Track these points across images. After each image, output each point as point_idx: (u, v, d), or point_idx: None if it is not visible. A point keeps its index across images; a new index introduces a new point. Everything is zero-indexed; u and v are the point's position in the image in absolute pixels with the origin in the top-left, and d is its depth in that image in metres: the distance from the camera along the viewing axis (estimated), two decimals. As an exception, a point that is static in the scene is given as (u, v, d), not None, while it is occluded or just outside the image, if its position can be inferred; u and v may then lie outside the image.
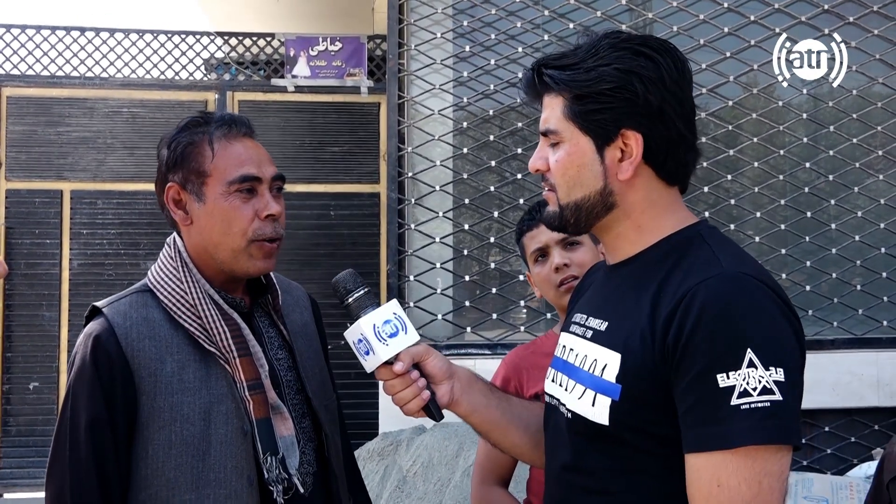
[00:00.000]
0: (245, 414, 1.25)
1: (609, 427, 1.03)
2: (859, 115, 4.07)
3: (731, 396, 0.92)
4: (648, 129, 1.06)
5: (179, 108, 4.92)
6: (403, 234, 3.93)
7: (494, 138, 4.01)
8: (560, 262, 1.69)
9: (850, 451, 3.88)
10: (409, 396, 1.19)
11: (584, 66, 1.07)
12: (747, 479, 0.92)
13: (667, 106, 1.06)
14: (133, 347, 1.22)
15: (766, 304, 0.97)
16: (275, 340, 1.38)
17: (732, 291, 0.97)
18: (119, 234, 4.85)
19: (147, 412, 1.21)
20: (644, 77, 1.05)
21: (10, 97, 4.84)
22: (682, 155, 1.09)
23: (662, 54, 1.07)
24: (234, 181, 1.27)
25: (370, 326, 1.17)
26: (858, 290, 4.01)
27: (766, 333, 0.94)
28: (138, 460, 1.21)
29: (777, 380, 0.92)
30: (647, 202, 1.10)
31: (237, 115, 1.35)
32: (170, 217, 1.33)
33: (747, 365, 0.92)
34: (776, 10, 4.03)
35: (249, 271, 1.31)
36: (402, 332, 1.18)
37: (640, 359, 1.01)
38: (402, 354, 1.18)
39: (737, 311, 0.95)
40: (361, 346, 1.18)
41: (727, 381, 0.92)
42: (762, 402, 0.91)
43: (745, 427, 0.91)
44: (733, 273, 0.99)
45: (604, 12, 4.01)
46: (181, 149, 1.29)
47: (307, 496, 1.30)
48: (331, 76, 4.93)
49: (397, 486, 2.83)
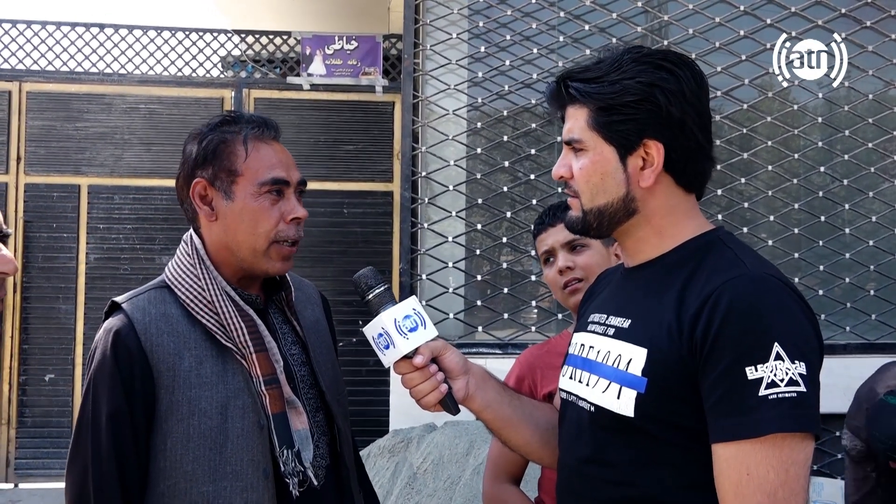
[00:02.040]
0: (261, 408, 1.28)
1: (634, 419, 1.07)
2: (875, 120, 4.05)
3: (760, 387, 0.97)
4: (669, 139, 1.12)
5: (196, 104, 4.97)
6: (416, 233, 3.95)
7: (508, 139, 4.02)
8: (564, 265, 1.73)
9: (861, 457, 3.86)
10: (428, 389, 1.22)
11: (609, 79, 1.13)
12: (775, 468, 0.97)
13: (687, 117, 1.12)
14: (152, 342, 1.25)
15: (789, 303, 1.03)
16: (288, 336, 1.40)
17: (758, 290, 1.03)
18: (135, 229, 4.90)
19: (166, 406, 1.24)
20: (666, 90, 1.11)
21: (29, 92, 4.90)
22: (700, 164, 1.16)
23: (682, 68, 1.13)
24: (265, 182, 1.30)
25: (391, 321, 1.19)
26: (872, 295, 4.00)
27: (790, 329, 1.00)
28: (157, 453, 1.24)
29: (801, 373, 0.97)
30: (666, 208, 1.15)
31: (267, 117, 1.37)
32: (190, 212, 1.36)
33: (775, 358, 0.98)
34: (792, 14, 4.02)
35: (268, 271, 1.34)
36: (422, 327, 1.21)
37: (666, 353, 1.06)
38: (421, 348, 1.21)
39: (763, 309, 1.01)
40: (381, 341, 1.20)
41: (756, 373, 0.97)
42: (789, 392, 0.97)
43: (774, 416, 0.97)
44: (758, 273, 1.05)
45: (619, 14, 4.01)
46: (213, 146, 1.31)
47: (320, 489, 1.32)
48: (346, 75, 4.96)
49: (408, 483, 2.86)
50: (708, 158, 1.17)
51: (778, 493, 0.97)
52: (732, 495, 0.99)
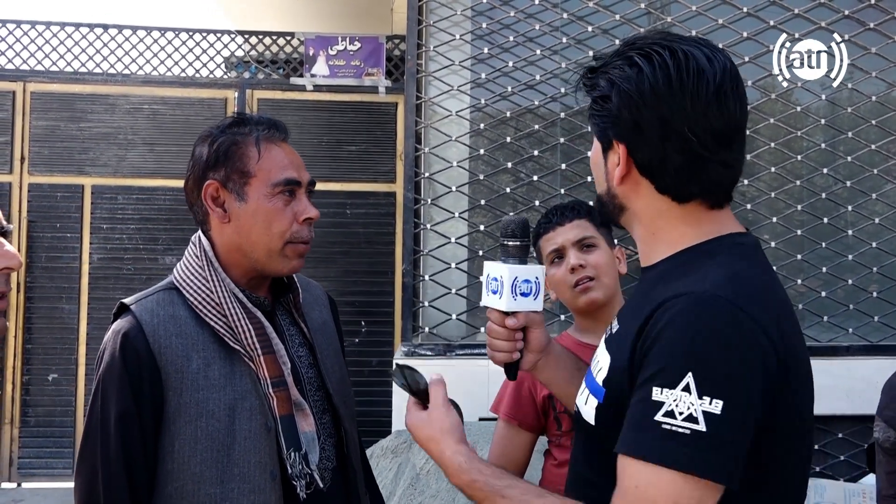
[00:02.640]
0: (269, 410, 1.28)
1: (595, 426, 1.06)
2: (878, 122, 4.05)
3: (658, 412, 0.91)
4: (630, 142, 1.04)
5: (199, 105, 4.98)
6: (419, 234, 3.96)
7: (511, 140, 4.02)
8: (576, 263, 1.71)
9: (863, 459, 3.86)
10: (504, 349, 1.24)
11: (602, 69, 1.09)
12: (664, 494, 0.90)
13: (644, 123, 1.02)
14: (160, 344, 1.25)
15: (729, 332, 0.92)
16: (296, 338, 1.41)
17: (697, 314, 0.93)
18: (138, 230, 4.91)
19: (174, 408, 1.24)
20: (622, 90, 1.03)
21: (33, 93, 4.92)
22: (685, 172, 1.02)
23: (655, 66, 1.02)
24: (278, 183, 1.32)
25: (512, 276, 1.20)
26: (874, 297, 3.99)
27: (714, 362, 0.91)
28: (165, 454, 1.24)
29: (708, 411, 0.89)
30: (653, 211, 1.07)
31: (276, 119, 1.38)
32: (200, 214, 1.36)
33: (682, 388, 0.90)
34: (795, 16, 4.02)
35: (282, 270, 1.35)
36: (532, 298, 1.22)
37: (620, 364, 1.02)
38: (519, 315, 1.22)
39: (692, 334, 0.92)
40: (493, 285, 1.22)
41: (660, 395, 0.91)
42: (683, 428, 0.89)
43: (659, 446, 0.90)
44: (708, 295, 0.95)
45: (622, 16, 4.01)
46: (225, 147, 1.31)
47: (326, 491, 1.33)
48: (349, 75, 4.97)
49: (410, 484, 2.86)
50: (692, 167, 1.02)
51: None
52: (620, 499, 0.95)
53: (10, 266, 0.98)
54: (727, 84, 1.02)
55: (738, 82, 1.05)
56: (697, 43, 1.05)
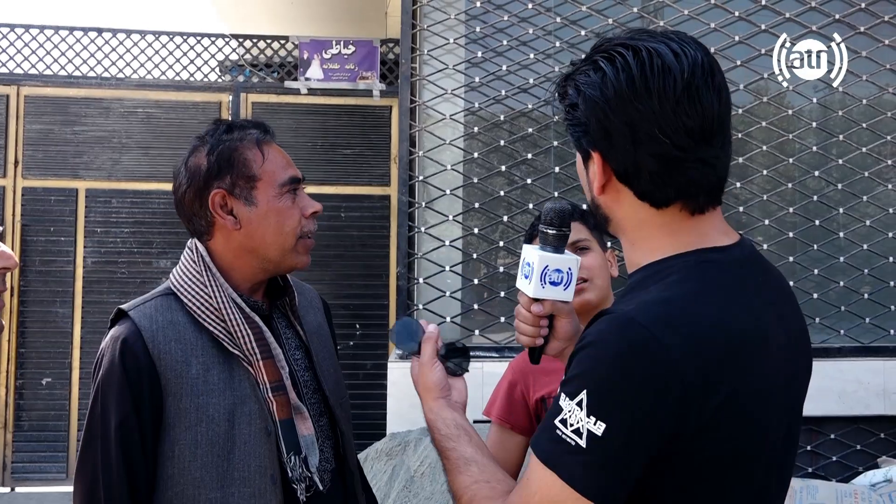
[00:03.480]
0: (268, 414, 1.29)
1: None
2: (869, 125, 4.09)
3: (557, 416, 0.94)
4: (603, 150, 1.00)
5: (194, 109, 4.99)
6: (413, 237, 3.97)
7: (504, 143, 4.04)
8: None
9: (855, 459, 3.89)
10: (529, 333, 1.24)
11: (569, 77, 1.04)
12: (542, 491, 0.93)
13: (613, 129, 0.98)
14: (160, 350, 1.26)
15: (632, 359, 0.90)
16: (292, 341, 1.42)
17: (610, 335, 0.93)
18: (132, 233, 4.91)
19: (173, 413, 1.25)
20: (587, 97, 0.99)
21: (27, 96, 4.92)
22: (661, 177, 0.98)
23: (619, 68, 0.97)
24: (284, 183, 1.34)
25: (543, 264, 1.19)
26: (866, 299, 4.02)
27: (610, 386, 0.91)
28: (165, 459, 1.25)
29: (592, 430, 0.90)
30: (634, 220, 1.04)
31: (261, 121, 1.41)
32: (203, 225, 1.34)
33: (576, 402, 0.92)
34: (787, 20, 4.05)
35: (296, 266, 1.38)
36: (563, 288, 1.20)
37: None
38: (546, 303, 1.21)
39: (601, 354, 0.93)
40: (525, 269, 1.21)
41: (563, 401, 0.94)
42: (569, 437, 0.91)
43: (549, 448, 0.93)
44: (625, 318, 0.93)
45: (615, 20, 4.03)
46: (226, 155, 1.33)
47: (326, 493, 1.34)
48: (343, 79, 4.99)
49: (405, 487, 2.87)
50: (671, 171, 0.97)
51: None
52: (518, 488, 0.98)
53: (6, 266, 0.99)
54: (698, 78, 0.96)
55: (714, 74, 0.98)
56: (667, 38, 0.99)
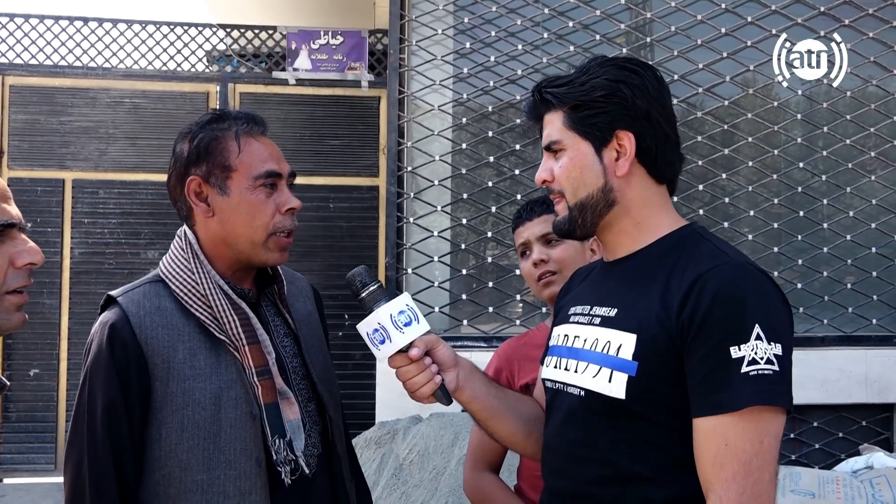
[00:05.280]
0: (254, 399, 1.31)
1: (625, 401, 1.14)
2: (853, 117, 4.13)
3: (742, 365, 1.06)
4: (638, 128, 1.21)
5: (181, 99, 4.97)
6: (402, 228, 3.98)
7: (493, 134, 4.06)
8: (538, 258, 1.79)
9: (837, 447, 3.95)
10: (423, 381, 1.26)
11: (579, 81, 1.24)
12: (751, 439, 1.06)
13: (652, 109, 1.22)
14: (147, 335, 1.28)
15: (767, 289, 1.12)
16: (280, 329, 1.44)
17: (740, 277, 1.12)
18: (120, 224, 4.90)
19: (160, 397, 1.27)
20: (630, 84, 1.21)
21: (13, 86, 4.88)
22: (669, 154, 1.25)
23: (643, 68, 1.25)
24: (259, 176, 1.34)
25: (387, 316, 1.23)
26: (849, 289, 4.08)
27: (768, 313, 1.09)
28: (152, 442, 1.27)
29: (776, 353, 1.07)
30: (642, 199, 1.24)
31: (254, 113, 1.41)
32: (184, 210, 1.38)
33: (755, 338, 1.07)
34: (773, 12, 4.08)
35: (267, 262, 1.37)
36: (416, 322, 1.25)
37: (655, 337, 1.13)
38: (416, 342, 1.25)
39: (745, 294, 1.10)
40: (377, 336, 1.24)
41: (739, 352, 1.06)
42: (767, 370, 1.06)
43: (753, 391, 1.06)
44: (739, 262, 1.14)
45: (603, 11, 4.05)
46: (205, 143, 1.34)
47: (311, 477, 1.36)
48: (332, 70, 4.98)
49: (394, 474, 2.89)
50: (675, 149, 1.26)
51: (752, 462, 1.05)
52: (710, 465, 1.07)
53: (34, 261, 1.01)
54: None
55: None
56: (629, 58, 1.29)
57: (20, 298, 1.00)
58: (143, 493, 1.27)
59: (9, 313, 0.99)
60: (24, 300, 1.00)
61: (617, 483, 1.15)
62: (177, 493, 1.25)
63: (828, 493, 3.24)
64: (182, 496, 1.25)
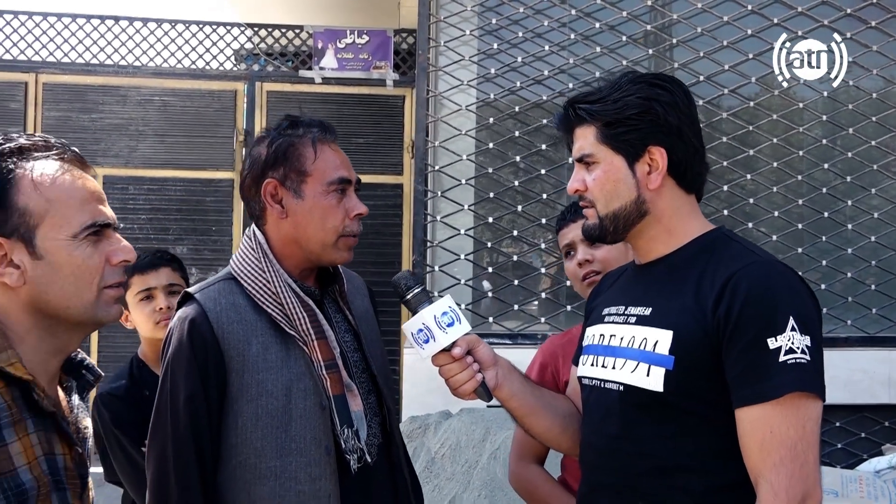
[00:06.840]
0: (323, 390, 1.38)
1: (664, 393, 1.20)
2: (878, 118, 4.14)
3: (780, 355, 1.13)
4: (670, 144, 1.29)
5: (209, 97, 5.04)
6: (427, 226, 4.03)
7: (519, 134, 4.10)
8: (583, 258, 1.84)
9: (860, 447, 3.97)
10: (466, 378, 1.33)
11: (611, 98, 1.30)
12: (794, 425, 1.13)
13: (683, 125, 1.29)
14: (224, 330, 1.35)
15: (796, 284, 1.21)
16: (342, 325, 1.51)
17: (772, 275, 1.20)
18: (149, 220, 4.98)
19: (236, 388, 1.34)
20: (662, 102, 1.28)
21: (45, 84, 4.97)
22: (697, 166, 1.33)
23: (673, 85, 1.32)
24: (332, 182, 1.42)
25: (432, 317, 1.31)
26: (873, 290, 4.09)
27: (799, 307, 1.17)
28: (229, 430, 1.35)
29: (807, 344, 1.15)
30: (672, 208, 1.31)
31: (327, 121, 1.48)
32: (257, 210, 1.45)
33: (790, 329, 1.14)
34: (799, 14, 4.09)
35: (335, 261, 1.45)
36: (458, 323, 1.33)
37: (691, 333, 1.20)
38: (459, 341, 1.32)
39: (777, 289, 1.18)
40: (421, 336, 1.32)
41: (776, 343, 1.14)
42: (802, 358, 1.13)
43: (792, 378, 1.13)
44: (769, 260, 1.24)
45: (629, 12, 4.08)
46: (283, 148, 1.41)
47: (374, 465, 1.43)
48: (357, 69, 5.04)
49: (426, 467, 2.96)
50: (703, 161, 1.34)
51: (798, 445, 1.12)
52: (757, 452, 1.13)
53: (128, 259, 1.08)
54: None
55: None
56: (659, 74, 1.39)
57: (117, 292, 1.07)
58: (221, 479, 1.34)
59: (108, 306, 1.06)
60: (120, 293, 1.07)
61: (657, 474, 1.21)
62: (252, 479, 1.33)
63: (851, 491, 3.27)
64: (257, 481, 1.32)
